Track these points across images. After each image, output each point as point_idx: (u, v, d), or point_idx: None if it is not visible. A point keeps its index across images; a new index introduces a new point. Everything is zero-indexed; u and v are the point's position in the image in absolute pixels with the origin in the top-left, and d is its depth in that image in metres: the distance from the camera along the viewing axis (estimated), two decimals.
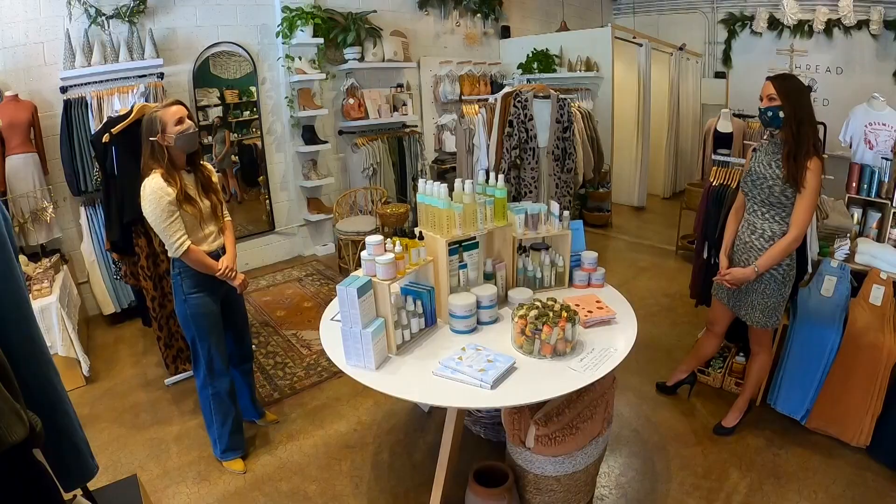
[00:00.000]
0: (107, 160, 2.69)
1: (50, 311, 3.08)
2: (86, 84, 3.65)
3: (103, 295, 3.94)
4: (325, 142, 5.23)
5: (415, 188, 5.95)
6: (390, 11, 5.58)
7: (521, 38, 6.38)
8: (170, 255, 2.22)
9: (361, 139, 5.39)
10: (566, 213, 2.28)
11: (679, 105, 6.06)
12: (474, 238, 2.10)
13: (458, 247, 2.07)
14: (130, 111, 2.66)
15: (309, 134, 5.17)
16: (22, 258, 3.42)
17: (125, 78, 3.84)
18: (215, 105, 4.70)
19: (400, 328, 1.90)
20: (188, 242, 2.18)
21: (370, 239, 1.87)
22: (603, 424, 2.02)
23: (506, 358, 1.74)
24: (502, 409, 2.01)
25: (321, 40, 4.86)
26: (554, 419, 1.87)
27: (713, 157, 4.06)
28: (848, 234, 2.79)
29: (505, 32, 6.49)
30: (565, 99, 4.16)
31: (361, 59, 5.24)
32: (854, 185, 3.01)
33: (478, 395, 1.62)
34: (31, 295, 3.10)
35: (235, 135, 4.86)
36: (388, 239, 1.92)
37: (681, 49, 5.70)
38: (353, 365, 1.82)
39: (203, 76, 4.50)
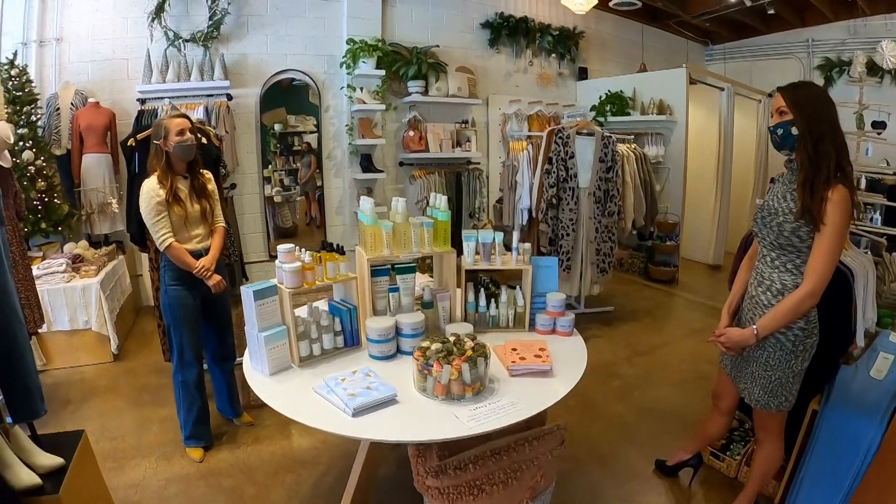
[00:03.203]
0: (131, 162, 2.93)
1: (90, 291, 3.44)
2: (159, 98, 4.09)
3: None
4: (381, 171, 5.34)
5: (474, 226, 5.87)
6: (460, 48, 5.66)
7: (596, 80, 6.15)
8: (158, 248, 2.41)
9: (419, 171, 5.44)
10: (526, 245, 2.05)
11: (768, 157, 5.39)
12: (413, 262, 1.96)
13: (391, 269, 1.93)
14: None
15: (366, 162, 5.32)
16: (82, 243, 3.85)
17: (194, 96, 4.26)
18: (311, 132, 5.07)
19: (307, 340, 1.83)
20: (171, 239, 2.36)
21: (281, 247, 1.83)
22: (527, 495, 1.72)
23: (388, 389, 1.57)
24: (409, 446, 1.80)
25: (383, 72, 5.03)
26: (450, 472, 1.62)
27: None
28: None
29: (582, 74, 6.30)
30: (610, 137, 3.90)
31: (425, 93, 5.34)
32: None
33: (338, 420, 1.48)
34: (78, 274, 3.46)
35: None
36: (301, 249, 1.85)
37: (770, 96, 5.10)
38: (254, 367, 1.80)
39: (270, 100, 4.84)
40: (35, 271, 3.26)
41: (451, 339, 1.68)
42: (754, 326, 1.75)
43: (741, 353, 1.89)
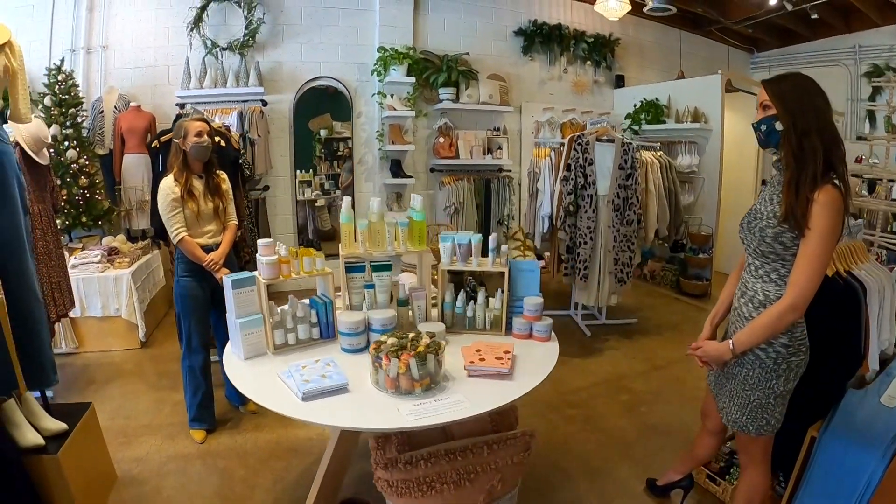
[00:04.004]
0: (156, 162, 3.13)
1: (122, 281, 3.68)
2: (196, 102, 4.34)
3: None
4: (410, 176, 5.41)
5: (505, 234, 5.85)
6: (493, 56, 5.67)
7: (633, 88, 5.99)
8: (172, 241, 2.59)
9: (448, 178, 5.48)
10: (504, 247, 2.03)
11: None
12: (388, 261, 1.99)
13: (366, 265, 1.97)
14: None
15: (396, 167, 5.41)
16: (120, 237, 4.13)
17: (229, 101, 4.49)
18: (348, 137, 5.28)
19: (283, 329, 1.90)
20: (184, 233, 2.53)
21: (261, 241, 1.91)
22: (481, 498, 1.70)
23: (341, 378, 1.61)
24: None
25: (413, 79, 5.12)
26: (399, 466, 1.63)
27: None
28: None
29: (619, 82, 6.16)
30: (630, 143, 3.80)
31: (455, 100, 5.38)
32: None
33: (288, 402, 1.54)
34: (112, 265, 3.71)
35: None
36: (279, 243, 1.92)
37: None
38: (232, 351, 1.90)
39: (314, 106, 5.03)
40: (72, 261, 3.54)
41: (411, 335, 1.69)
42: (731, 340, 1.62)
43: (723, 369, 1.76)
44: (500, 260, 2.04)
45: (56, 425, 2.03)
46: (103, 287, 3.60)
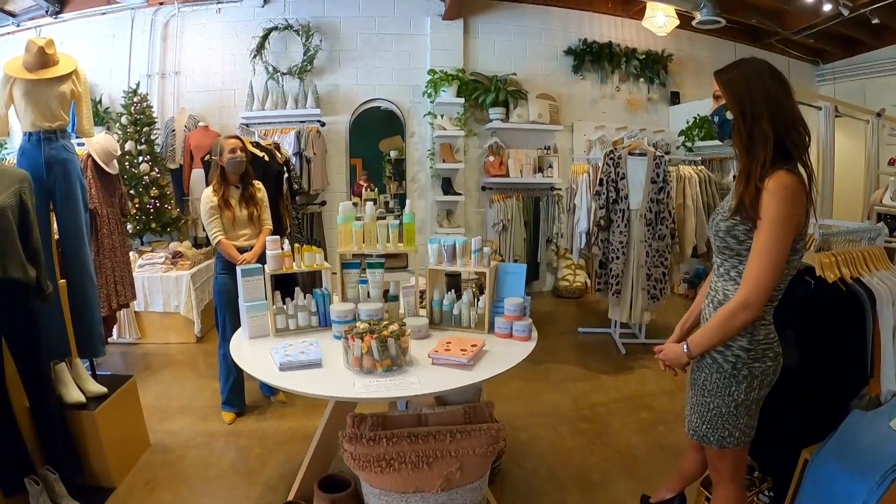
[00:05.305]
0: (207, 174, 3.53)
1: (182, 281, 4.12)
2: (258, 123, 4.80)
3: None
4: (460, 193, 5.58)
5: (556, 252, 5.85)
6: (543, 75, 5.76)
7: (689, 104, 5.82)
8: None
9: (498, 195, 5.60)
10: (486, 250, 2.12)
11: (879, 183, 4.61)
12: (381, 260, 2.16)
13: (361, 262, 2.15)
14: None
15: (446, 185, 5.61)
16: (186, 243, 4.61)
17: (288, 121, 4.92)
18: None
19: (284, 315, 2.13)
20: (221, 236, 2.86)
21: (269, 238, 2.19)
22: (439, 482, 1.76)
23: (316, 356, 1.80)
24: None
25: (463, 100, 5.32)
26: (363, 442, 1.74)
27: None
28: None
29: (675, 98, 6.01)
30: (662, 157, 3.73)
31: (505, 120, 5.51)
32: None
33: (267, 371, 1.78)
34: (175, 267, 4.17)
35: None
36: (285, 240, 2.18)
37: (878, 116, 4.39)
38: (242, 332, 2.18)
39: (358, 127, 5.38)
40: (140, 260, 4.02)
41: (383, 323, 1.83)
42: (686, 342, 1.56)
43: (685, 372, 1.66)
44: (482, 261, 2.13)
45: (98, 388, 2.37)
46: (165, 286, 4.05)
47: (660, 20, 4.72)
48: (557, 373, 3.73)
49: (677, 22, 4.74)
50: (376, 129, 5.53)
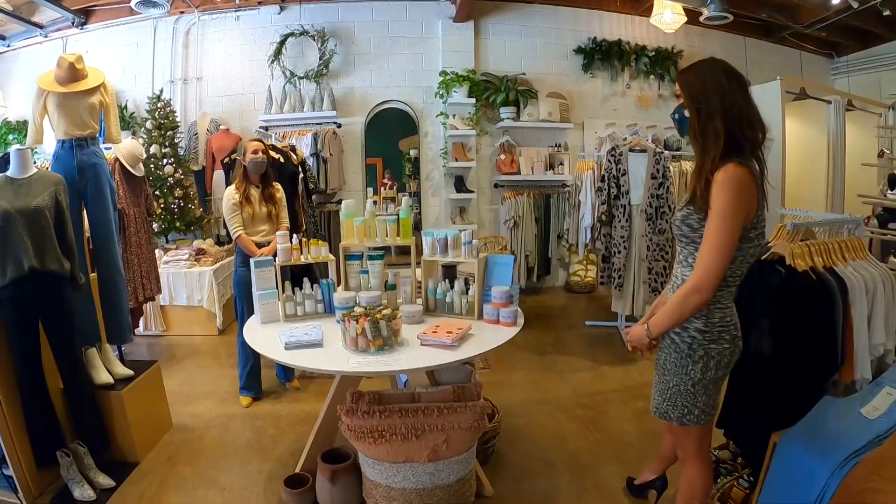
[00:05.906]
0: (228, 175, 3.77)
1: (205, 276, 4.37)
2: (277, 126, 5.02)
3: None
4: (472, 191, 5.72)
5: (568, 248, 5.94)
6: (554, 74, 5.85)
7: None
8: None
9: (509, 193, 5.71)
10: (474, 242, 2.27)
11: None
12: (381, 251, 2.34)
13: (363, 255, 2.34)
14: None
15: (459, 183, 5.75)
16: (209, 241, 4.87)
17: (306, 124, 5.13)
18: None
19: (293, 302, 2.33)
20: (241, 231, 3.07)
21: (279, 232, 2.43)
22: (426, 454, 1.92)
23: (318, 336, 1.99)
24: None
25: (474, 100, 5.46)
26: (359, 414, 1.92)
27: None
28: None
29: None
30: (662, 153, 3.81)
31: (516, 119, 5.63)
32: None
33: (274, 349, 2.00)
34: (198, 263, 4.42)
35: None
36: (294, 234, 2.38)
37: (891, 109, 4.34)
38: (255, 318, 2.39)
39: (373, 127, 5.57)
40: (165, 257, 4.29)
41: (379, 308, 1.99)
42: (647, 324, 1.67)
43: (651, 352, 1.73)
44: (472, 252, 2.28)
45: (125, 371, 2.60)
46: (189, 281, 4.30)
47: (667, 17, 4.77)
48: (562, 363, 3.84)
49: (685, 19, 4.77)
50: (391, 129, 5.70)
